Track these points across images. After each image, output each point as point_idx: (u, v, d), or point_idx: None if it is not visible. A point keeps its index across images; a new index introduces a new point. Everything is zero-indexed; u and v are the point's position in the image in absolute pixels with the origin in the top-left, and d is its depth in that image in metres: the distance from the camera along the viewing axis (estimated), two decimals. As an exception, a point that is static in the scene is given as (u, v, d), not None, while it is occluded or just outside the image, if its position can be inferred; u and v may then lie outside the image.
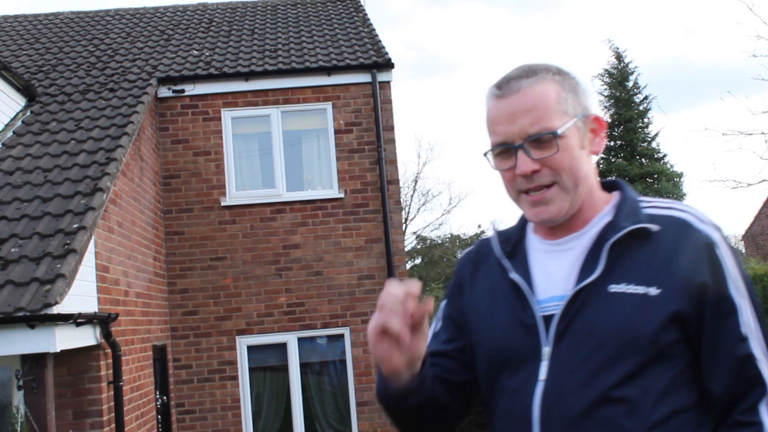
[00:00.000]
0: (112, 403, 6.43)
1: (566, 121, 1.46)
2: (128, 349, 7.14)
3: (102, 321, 6.16)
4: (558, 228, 1.54)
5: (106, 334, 6.27)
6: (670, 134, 38.08)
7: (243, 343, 9.42)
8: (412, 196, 27.60)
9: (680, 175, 22.30)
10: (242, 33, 11.55)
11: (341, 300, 9.51)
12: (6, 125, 8.40)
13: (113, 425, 6.44)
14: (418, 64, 43.73)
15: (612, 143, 23.17)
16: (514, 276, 1.54)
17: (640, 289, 1.40)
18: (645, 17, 44.22)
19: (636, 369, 1.38)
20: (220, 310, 9.44)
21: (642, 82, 27.93)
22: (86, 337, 6.01)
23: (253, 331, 9.42)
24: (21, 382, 5.42)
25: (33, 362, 5.39)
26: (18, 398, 5.63)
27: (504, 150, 1.48)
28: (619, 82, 23.18)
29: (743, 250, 31.41)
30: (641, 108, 22.85)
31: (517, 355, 1.48)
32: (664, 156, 22.60)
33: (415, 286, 1.41)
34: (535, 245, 1.57)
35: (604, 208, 1.53)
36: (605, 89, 23.41)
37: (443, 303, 1.72)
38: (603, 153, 23.14)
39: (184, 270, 9.47)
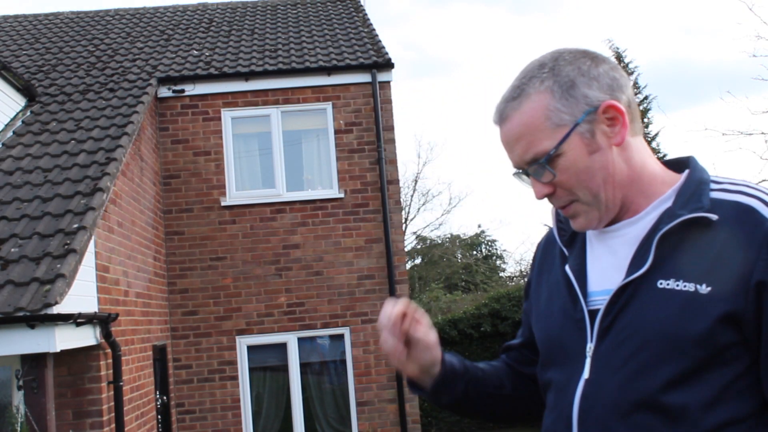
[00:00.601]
0: (112, 403, 6.43)
1: (562, 134, 1.36)
2: (128, 349, 7.14)
3: (102, 321, 6.16)
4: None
5: (106, 334, 6.27)
6: (670, 134, 38.09)
7: (243, 343, 9.42)
8: (412, 196, 27.60)
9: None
10: (242, 33, 11.55)
11: (341, 300, 9.51)
12: (6, 125, 8.40)
13: (113, 425, 6.44)
14: (416, 64, 43.71)
15: (612, 143, 23.16)
16: (567, 267, 1.47)
17: (690, 287, 1.27)
18: (644, 17, 44.21)
19: (682, 373, 1.27)
20: (220, 310, 9.44)
21: (642, 82, 27.94)
22: (86, 337, 6.01)
23: (253, 331, 9.42)
24: (21, 382, 5.42)
25: (33, 362, 5.39)
26: (18, 398, 5.63)
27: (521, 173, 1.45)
28: (619, 82, 23.17)
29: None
30: (641, 108, 22.85)
31: (566, 349, 1.42)
32: (665, 156, 22.58)
33: (404, 305, 1.47)
34: (593, 232, 1.47)
35: (665, 191, 1.39)
36: (605, 89, 23.40)
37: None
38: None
39: (184, 270, 9.47)
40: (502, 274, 28.22)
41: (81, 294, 5.99)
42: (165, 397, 8.79)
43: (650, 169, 1.41)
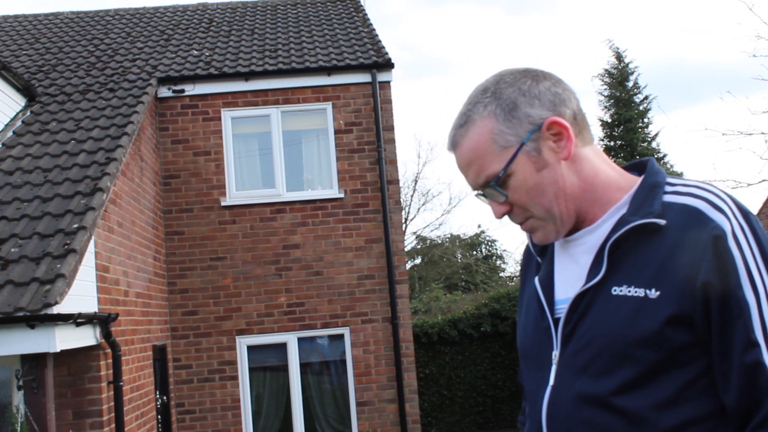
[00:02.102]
0: (112, 403, 6.43)
1: (509, 155, 1.39)
2: (128, 349, 7.14)
3: (102, 321, 6.16)
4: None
5: (106, 334, 6.27)
6: (670, 134, 38.07)
7: (243, 343, 9.42)
8: (412, 196, 27.59)
9: (680, 175, 22.28)
10: (242, 33, 11.55)
11: (341, 300, 9.51)
12: (6, 125, 8.40)
13: (113, 425, 6.44)
14: (413, 64, 43.68)
15: (612, 143, 23.16)
16: (536, 278, 1.53)
17: (640, 292, 1.31)
18: (641, 17, 44.20)
19: (635, 377, 1.29)
20: (220, 310, 9.44)
21: (642, 82, 27.95)
22: (86, 337, 6.00)
23: (253, 331, 9.42)
24: (21, 382, 5.42)
25: (33, 362, 5.39)
26: (18, 398, 5.63)
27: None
28: (619, 82, 23.17)
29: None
30: (641, 108, 22.83)
31: (538, 358, 1.47)
32: (665, 156, 22.58)
33: None
34: (559, 241, 1.51)
35: (621, 197, 1.42)
36: (605, 89, 23.40)
37: None
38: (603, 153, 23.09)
39: (184, 270, 9.47)
40: (502, 274, 28.23)
41: (81, 294, 5.99)
42: (165, 397, 8.79)
43: (603, 177, 1.43)
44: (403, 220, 18.89)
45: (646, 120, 22.82)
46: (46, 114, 8.69)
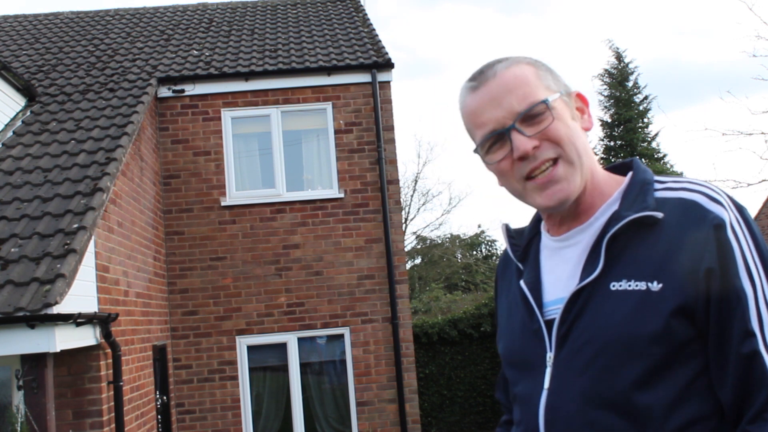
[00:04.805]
0: (112, 403, 6.43)
1: (551, 93, 1.39)
2: (128, 349, 7.14)
3: (102, 321, 6.16)
4: (564, 221, 1.45)
5: (106, 334, 6.27)
6: (670, 134, 38.08)
7: (243, 343, 9.42)
8: (412, 196, 27.59)
9: (680, 175, 22.26)
10: (242, 33, 11.55)
11: (341, 300, 9.51)
12: (6, 125, 8.40)
13: (113, 425, 6.44)
14: (407, 65, 43.65)
15: (612, 143, 23.16)
16: (522, 281, 1.49)
17: (642, 285, 1.28)
18: (636, 17, 44.21)
19: (644, 374, 1.26)
20: (220, 310, 9.44)
21: (642, 82, 27.94)
22: (86, 337, 6.00)
23: (253, 331, 9.42)
24: (21, 382, 5.42)
25: (33, 362, 5.39)
26: (18, 398, 5.63)
27: (497, 138, 1.38)
28: (619, 82, 23.17)
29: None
30: (641, 108, 22.83)
31: (528, 362, 1.43)
32: (664, 156, 22.57)
33: None
34: (545, 243, 1.50)
35: (612, 193, 1.41)
36: (605, 89, 23.40)
37: None
38: (603, 153, 23.15)
39: (184, 270, 9.47)
40: (502, 274, 28.16)
41: (81, 294, 5.99)
42: (165, 397, 8.80)
43: (599, 170, 1.46)
44: (403, 220, 18.89)
45: (646, 120, 22.82)
46: (46, 114, 8.69)
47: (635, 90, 23.20)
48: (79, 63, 10.42)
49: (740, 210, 1.32)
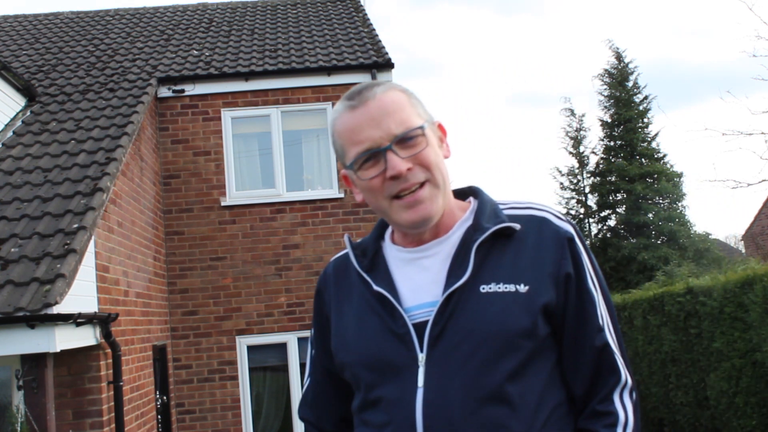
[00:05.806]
0: (112, 403, 6.43)
1: (423, 121, 1.50)
2: (128, 349, 7.14)
3: (102, 321, 6.16)
4: (422, 236, 1.53)
5: (106, 334, 6.27)
6: (670, 134, 38.10)
7: (243, 343, 9.42)
8: (412, 196, 27.57)
9: (680, 175, 22.26)
10: (242, 33, 11.55)
11: (341, 300, 9.50)
12: (6, 125, 8.40)
13: (113, 425, 6.43)
14: (404, 66, 43.77)
15: (612, 143, 23.15)
16: (378, 288, 1.51)
17: (510, 287, 1.43)
18: (641, 17, 44.24)
19: (517, 367, 1.40)
20: (220, 310, 9.44)
21: (641, 82, 27.95)
22: (86, 337, 6.00)
23: (253, 331, 9.42)
24: (21, 382, 5.42)
25: (33, 362, 5.39)
26: (18, 398, 5.63)
27: (371, 156, 1.46)
28: (619, 82, 23.17)
29: (743, 250, 31.36)
30: (641, 108, 22.83)
31: (393, 365, 1.46)
32: (664, 156, 22.58)
33: None
34: (395, 254, 1.57)
35: (462, 214, 1.56)
36: (605, 89, 23.40)
37: (313, 334, 1.71)
38: (603, 153, 23.15)
39: (184, 270, 9.47)
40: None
41: (81, 294, 5.99)
42: (165, 397, 8.79)
43: (451, 195, 1.58)
44: (403, 220, 18.86)
45: (646, 120, 22.81)
46: (46, 114, 8.69)
47: (635, 90, 23.20)
48: (79, 63, 10.42)
49: (575, 227, 1.54)
